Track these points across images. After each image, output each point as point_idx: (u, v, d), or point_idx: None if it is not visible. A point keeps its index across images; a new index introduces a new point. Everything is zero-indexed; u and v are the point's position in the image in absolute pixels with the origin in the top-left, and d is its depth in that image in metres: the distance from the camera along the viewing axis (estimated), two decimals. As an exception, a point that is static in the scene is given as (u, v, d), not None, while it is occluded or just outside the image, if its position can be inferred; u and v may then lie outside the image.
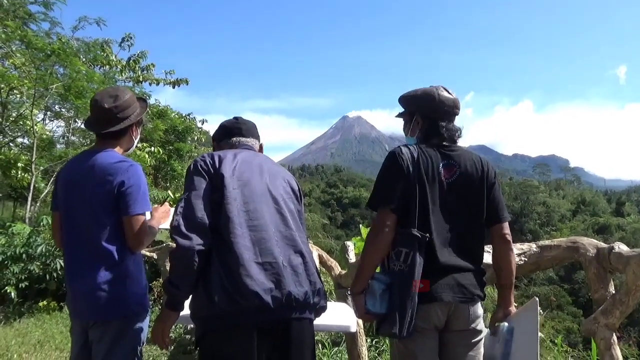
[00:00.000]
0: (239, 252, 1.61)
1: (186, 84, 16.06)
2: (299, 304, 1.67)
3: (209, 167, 1.77)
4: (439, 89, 1.99)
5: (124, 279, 1.95)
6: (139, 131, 2.19)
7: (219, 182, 1.72)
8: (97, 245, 1.94)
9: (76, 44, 12.32)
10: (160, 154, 14.03)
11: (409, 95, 2.05)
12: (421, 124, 2.00)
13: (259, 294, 1.58)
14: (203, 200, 1.67)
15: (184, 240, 1.60)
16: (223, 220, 1.66)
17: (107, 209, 1.95)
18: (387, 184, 1.85)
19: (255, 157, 1.94)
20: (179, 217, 1.64)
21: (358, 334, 3.41)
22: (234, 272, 1.59)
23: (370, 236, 1.84)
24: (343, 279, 3.87)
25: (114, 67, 14.55)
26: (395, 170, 1.84)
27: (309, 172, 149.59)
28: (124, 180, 1.95)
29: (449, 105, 1.97)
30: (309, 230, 24.27)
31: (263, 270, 1.63)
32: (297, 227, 1.82)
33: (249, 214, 1.71)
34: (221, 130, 2.09)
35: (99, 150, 2.05)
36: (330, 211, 79.27)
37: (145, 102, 2.22)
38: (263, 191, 1.79)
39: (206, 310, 1.62)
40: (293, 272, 1.69)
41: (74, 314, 2.06)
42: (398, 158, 1.85)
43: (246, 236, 1.66)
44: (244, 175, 1.79)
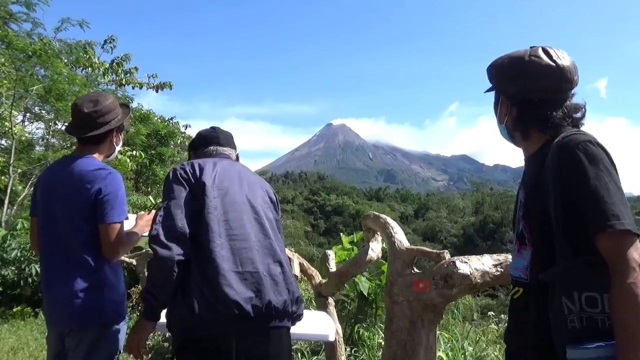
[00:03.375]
0: (218, 261, 1.62)
1: (170, 88, 15.95)
2: (278, 313, 1.69)
3: (189, 175, 1.76)
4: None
5: (101, 287, 1.94)
6: (120, 137, 2.18)
7: (199, 191, 1.72)
8: (74, 252, 1.93)
9: (58, 45, 12.15)
10: (142, 158, 13.86)
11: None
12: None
13: (239, 303, 1.58)
14: (183, 209, 1.67)
15: (163, 250, 1.59)
16: (203, 230, 1.66)
17: (84, 216, 1.94)
18: (620, 193, 1.23)
19: (234, 166, 1.94)
20: (158, 226, 1.63)
21: (337, 343, 3.42)
22: (214, 281, 1.59)
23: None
24: (323, 288, 3.89)
25: (97, 70, 14.37)
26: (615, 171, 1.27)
27: (292, 179, 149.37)
28: (101, 187, 1.94)
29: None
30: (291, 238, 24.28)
31: (243, 279, 1.64)
32: (276, 236, 1.84)
33: (229, 223, 1.71)
34: (198, 139, 2.09)
35: (79, 156, 2.04)
36: (313, 219, 79.17)
37: (128, 107, 2.21)
38: (243, 200, 1.80)
39: (185, 319, 1.61)
40: (273, 281, 1.71)
41: (50, 321, 2.03)
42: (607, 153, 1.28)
43: (226, 246, 1.66)
44: (224, 184, 1.79)
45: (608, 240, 1.17)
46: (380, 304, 4.39)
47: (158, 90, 15.91)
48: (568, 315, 1.23)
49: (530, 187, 1.43)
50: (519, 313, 1.43)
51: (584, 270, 1.22)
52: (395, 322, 2.52)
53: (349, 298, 4.35)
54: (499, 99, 1.55)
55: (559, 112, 1.41)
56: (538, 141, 1.45)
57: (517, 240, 1.47)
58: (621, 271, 1.14)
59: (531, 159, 1.47)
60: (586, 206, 1.21)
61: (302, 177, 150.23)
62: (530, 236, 1.40)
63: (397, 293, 2.54)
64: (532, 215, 1.39)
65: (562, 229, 1.26)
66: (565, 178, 1.26)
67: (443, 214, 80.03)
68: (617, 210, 1.17)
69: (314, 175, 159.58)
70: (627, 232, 1.16)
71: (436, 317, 2.46)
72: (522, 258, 1.43)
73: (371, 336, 4.18)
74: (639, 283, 1.11)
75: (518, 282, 1.44)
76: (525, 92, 1.44)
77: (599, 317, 1.18)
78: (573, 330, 1.21)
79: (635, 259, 1.14)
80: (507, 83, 1.49)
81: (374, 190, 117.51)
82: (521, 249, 1.44)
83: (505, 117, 1.53)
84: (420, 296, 2.41)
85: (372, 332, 4.23)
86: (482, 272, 2.32)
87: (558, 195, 1.27)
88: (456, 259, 2.38)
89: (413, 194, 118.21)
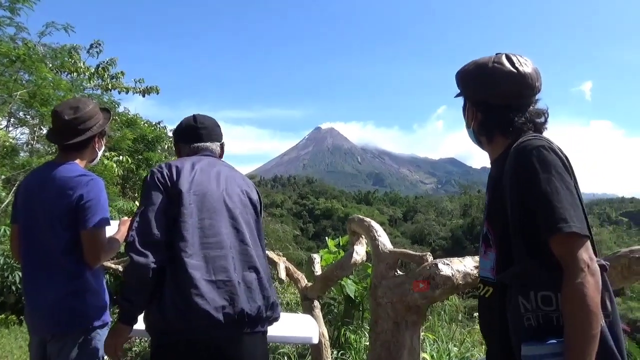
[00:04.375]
0: (190, 270, 1.63)
1: (156, 92, 15.80)
2: (252, 320, 1.71)
3: (166, 180, 1.76)
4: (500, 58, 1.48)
5: (83, 293, 1.94)
6: (102, 142, 2.18)
7: (175, 197, 1.72)
8: (56, 258, 1.92)
9: (42, 49, 12.03)
10: (128, 163, 13.73)
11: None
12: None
13: (209, 313, 1.60)
14: (159, 215, 1.67)
15: (138, 257, 1.60)
16: (177, 238, 1.67)
17: (65, 222, 1.93)
18: (570, 197, 1.26)
19: (214, 166, 1.91)
20: (134, 232, 1.64)
21: (323, 346, 3.44)
22: (186, 290, 1.61)
23: (590, 282, 1.18)
24: (309, 291, 3.91)
25: (82, 75, 14.23)
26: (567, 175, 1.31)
27: (281, 183, 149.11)
28: (82, 194, 1.94)
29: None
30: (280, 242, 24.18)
31: (216, 288, 1.65)
32: (254, 241, 1.84)
33: (204, 230, 1.71)
34: (181, 131, 2.06)
35: (60, 162, 2.04)
36: (302, 222, 79.03)
37: (109, 112, 2.21)
38: (219, 204, 1.79)
39: (159, 325, 1.64)
40: (247, 288, 1.72)
41: (32, 328, 2.02)
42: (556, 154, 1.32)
43: (199, 254, 1.67)
44: (201, 188, 1.78)
45: (558, 243, 1.23)
46: (367, 306, 4.40)
47: (145, 95, 15.76)
48: (524, 314, 1.28)
49: (492, 190, 1.48)
50: (491, 312, 1.46)
51: (539, 271, 1.27)
52: (379, 324, 2.55)
53: (335, 301, 4.37)
54: (466, 104, 1.60)
55: (521, 117, 1.45)
56: (501, 145, 1.49)
57: (482, 242, 1.52)
58: (570, 271, 1.19)
59: (495, 162, 1.52)
60: (537, 210, 1.26)
61: (290, 181, 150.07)
62: (493, 238, 1.45)
63: (381, 295, 2.57)
64: (494, 217, 1.45)
65: (519, 231, 1.32)
66: (519, 182, 1.31)
67: (431, 216, 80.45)
68: (566, 214, 1.22)
69: (302, 179, 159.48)
70: (575, 235, 1.21)
71: (419, 319, 2.50)
72: (488, 259, 1.47)
73: (358, 339, 4.20)
74: (586, 283, 1.17)
75: (487, 282, 1.49)
76: (489, 98, 1.49)
77: (553, 315, 1.25)
78: (529, 327, 1.27)
79: (584, 259, 1.19)
80: (472, 89, 1.55)
81: (363, 194, 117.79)
82: (487, 250, 1.49)
83: (471, 122, 1.58)
84: (403, 298, 2.44)
85: (358, 334, 4.25)
86: (463, 274, 2.36)
87: (514, 199, 1.33)
88: (438, 261, 2.41)
89: (401, 197, 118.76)
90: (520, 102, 1.47)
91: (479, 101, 1.53)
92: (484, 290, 1.49)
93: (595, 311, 1.16)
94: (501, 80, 1.45)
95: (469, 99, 1.58)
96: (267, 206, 71.21)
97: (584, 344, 1.14)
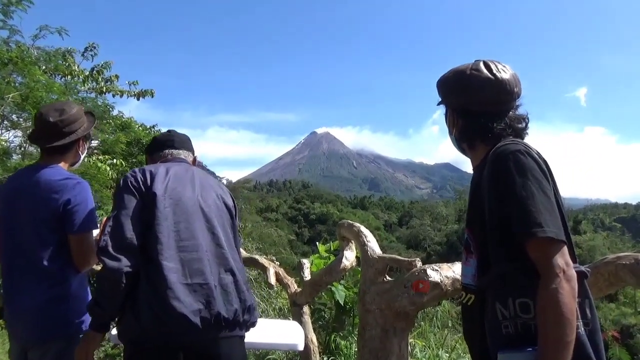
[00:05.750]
0: (166, 274, 1.60)
1: (151, 96, 15.72)
2: (229, 323, 1.69)
3: (140, 184, 1.74)
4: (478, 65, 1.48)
5: (66, 299, 1.91)
6: (86, 146, 2.16)
7: (149, 200, 1.70)
8: (39, 263, 1.90)
9: (36, 52, 11.98)
10: (122, 166, 13.67)
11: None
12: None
13: (186, 317, 1.58)
14: (133, 220, 1.66)
15: (111, 262, 1.58)
16: (152, 242, 1.65)
17: (51, 227, 1.91)
18: (546, 201, 1.24)
19: (188, 171, 1.92)
20: (107, 237, 1.62)
21: (312, 353, 3.41)
22: (162, 294, 1.58)
23: (565, 288, 1.15)
24: (297, 297, 3.88)
25: (77, 78, 14.18)
26: (545, 179, 1.29)
27: (277, 187, 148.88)
28: (70, 198, 1.92)
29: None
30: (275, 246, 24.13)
31: (192, 291, 1.63)
32: (229, 244, 1.83)
33: (179, 233, 1.70)
34: (153, 143, 2.08)
35: (44, 165, 2.01)
36: (297, 227, 78.81)
37: (94, 116, 2.19)
38: (195, 208, 1.78)
39: (133, 331, 1.62)
40: (223, 291, 1.70)
41: (13, 335, 1.99)
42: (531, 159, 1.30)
43: (175, 257, 1.65)
44: (176, 192, 1.77)
45: (534, 248, 1.21)
46: (358, 312, 4.38)
47: (139, 98, 15.68)
48: (502, 321, 1.26)
49: (472, 195, 1.47)
50: (472, 319, 1.45)
51: (517, 277, 1.25)
52: (368, 330, 2.53)
53: (326, 307, 4.34)
54: (447, 111, 1.61)
55: (501, 123, 1.45)
56: (482, 152, 1.49)
57: (464, 248, 1.51)
58: (545, 277, 1.17)
59: (476, 168, 1.52)
60: (513, 214, 1.25)
61: (286, 186, 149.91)
62: (474, 244, 1.43)
63: (370, 301, 2.55)
64: (474, 223, 1.43)
65: (497, 237, 1.30)
66: (496, 186, 1.31)
67: (427, 221, 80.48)
68: (541, 218, 1.20)
69: (298, 183, 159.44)
70: (550, 239, 1.19)
71: (408, 325, 2.48)
72: (469, 266, 1.46)
73: (348, 345, 4.17)
74: (561, 289, 1.14)
75: (469, 289, 1.47)
76: (468, 105, 1.50)
77: (532, 323, 1.22)
78: (507, 336, 1.24)
79: (559, 265, 1.17)
80: (451, 96, 1.56)
81: (358, 199, 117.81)
82: (468, 257, 1.48)
83: (453, 129, 1.58)
84: (391, 304, 2.42)
85: (349, 341, 4.22)
86: (452, 280, 2.34)
87: (491, 203, 1.32)
88: (427, 267, 2.40)
89: (397, 202, 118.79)
90: (499, 108, 1.47)
91: (458, 108, 1.54)
92: (466, 298, 1.48)
93: (570, 318, 1.13)
94: (479, 87, 1.45)
95: (449, 106, 1.59)
96: (263, 210, 71.03)
97: (557, 351, 1.12)
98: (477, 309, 1.40)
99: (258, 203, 67.92)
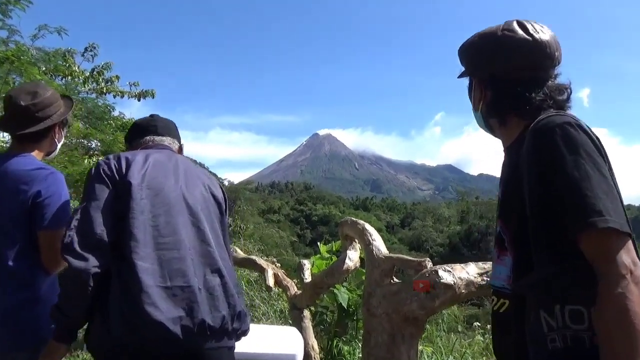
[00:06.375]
0: (141, 275, 1.38)
1: (152, 96, 15.62)
2: (215, 332, 1.46)
3: (114, 172, 1.52)
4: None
5: (36, 302, 1.71)
6: (63, 133, 1.96)
7: (124, 191, 1.48)
8: (6, 263, 1.69)
9: (35, 52, 11.87)
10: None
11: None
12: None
13: (163, 325, 1.35)
14: (104, 213, 1.44)
15: (77, 261, 1.36)
16: (126, 238, 1.43)
17: (19, 222, 1.71)
18: (605, 184, 1.01)
19: (171, 158, 1.70)
20: (72, 232, 1.40)
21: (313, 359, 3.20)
22: (135, 299, 1.36)
23: (634, 293, 0.92)
24: (297, 300, 3.68)
25: (77, 79, 14.06)
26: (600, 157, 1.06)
27: (279, 189, 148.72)
28: (40, 190, 1.71)
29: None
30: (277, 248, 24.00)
31: (171, 295, 1.41)
32: (217, 242, 1.61)
33: (158, 229, 1.47)
34: (133, 129, 1.86)
35: (14, 154, 1.81)
36: (299, 228, 78.78)
37: (71, 100, 1.99)
38: (177, 200, 1.56)
39: (102, 342, 1.40)
40: (209, 295, 1.48)
41: None
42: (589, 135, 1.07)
43: (152, 257, 1.43)
44: (156, 182, 1.55)
45: (591, 242, 0.97)
46: (362, 316, 4.18)
47: (140, 99, 15.57)
48: (548, 333, 1.01)
49: (507, 181, 1.23)
50: (506, 330, 1.21)
51: (567, 278, 1.01)
52: (373, 337, 2.33)
53: (328, 310, 4.14)
54: (472, 83, 1.36)
55: (539, 93, 1.21)
56: (516, 128, 1.25)
57: (496, 244, 1.27)
58: (608, 279, 0.93)
59: (509, 149, 1.28)
60: (564, 201, 1.01)
61: (288, 187, 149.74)
62: (509, 239, 1.20)
63: (375, 305, 2.35)
64: (510, 214, 1.20)
65: (540, 229, 1.06)
66: (539, 167, 1.06)
67: (429, 223, 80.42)
68: (600, 205, 0.97)
69: (300, 185, 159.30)
70: (613, 231, 0.95)
71: (418, 332, 2.27)
72: (503, 265, 1.22)
73: (352, 350, 3.97)
74: (628, 293, 0.90)
75: (501, 292, 1.23)
76: (499, 72, 1.26)
77: (585, 335, 0.98)
78: (554, 351, 1.00)
79: (625, 263, 0.93)
80: (479, 63, 1.32)
81: (361, 200, 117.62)
82: (501, 254, 1.23)
83: (479, 103, 1.33)
84: (399, 308, 2.22)
85: (352, 346, 4.01)
86: (466, 282, 2.14)
87: (533, 188, 1.07)
88: (439, 267, 2.20)
89: (399, 204, 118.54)
90: (537, 75, 1.23)
91: (487, 77, 1.30)
92: (498, 304, 1.23)
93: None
94: (513, 49, 1.22)
95: (474, 76, 1.35)
96: (265, 212, 71.03)
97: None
98: (513, 317, 1.16)
99: (260, 204, 67.87)
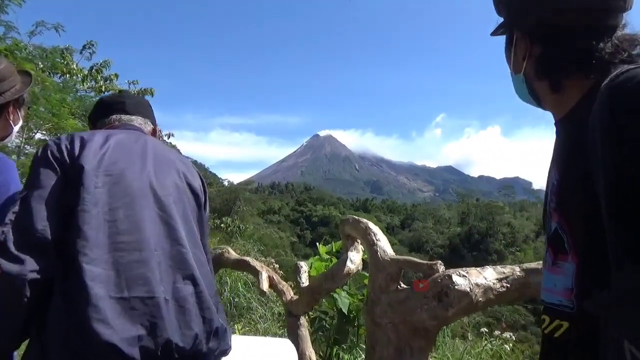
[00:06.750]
0: (89, 283, 1.08)
1: (151, 95, 15.38)
2: (185, 355, 1.16)
3: (64, 154, 1.23)
4: None
5: None
6: (20, 114, 1.69)
7: (75, 177, 1.20)
8: None
9: (32, 48, 11.64)
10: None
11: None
12: None
13: (116, 347, 1.05)
14: (48, 205, 1.15)
15: (11, 265, 1.07)
16: (73, 235, 1.13)
17: None
18: None
19: (138, 140, 1.40)
20: (7, 228, 1.11)
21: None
22: (81, 314, 1.06)
23: None
24: (294, 306, 3.41)
25: (75, 76, 13.84)
26: None
27: (279, 189, 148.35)
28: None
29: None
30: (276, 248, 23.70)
31: (128, 309, 1.10)
32: (193, 241, 1.32)
33: (116, 225, 1.18)
34: (98, 107, 1.57)
35: None
36: (299, 229, 78.61)
37: (30, 76, 1.72)
38: (143, 191, 1.27)
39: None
40: (178, 308, 1.18)
41: None
42: None
43: (106, 260, 1.13)
44: (116, 167, 1.26)
45: None
46: (363, 322, 3.93)
47: (139, 98, 15.38)
48: None
49: (566, 162, 0.91)
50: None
51: None
52: (378, 349, 2.07)
53: (327, 315, 3.90)
54: (513, 37, 1.04)
55: (608, 44, 0.90)
56: (577, 91, 0.94)
57: (548, 246, 0.94)
58: None
59: (566, 120, 0.97)
60: None
61: (288, 188, 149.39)
62: (572, 239, 0.88)
63: (380, 314, 2.09)
64: (573, 205, 0.88)
65: (620, 226, 0.73)
66: (621, 137, 0.73)
67: (429, 224, 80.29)
68: None
69: (300, 186, 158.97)
70: None
71: (428, 345, 2.01)
72: (561, 274, 0.90)
73: (352, 359, 3.72)
74: None
75: (557, 311, 0.91)
76: (554, 17, 0.94)
77: None
78: None
79: None
80: (526, 9, 0.98)
81: (361, 201, 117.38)
82: (558, 259, 0.91)
83: (523, 63, 1.01)
84: (407, 318, 1.97)
85: (353, 354, 3.76)
86: (484, 289, 1.89)
87: (611, 170, 0.74)
88: (452, 271, 1.94)
89: (399, 205, 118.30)
90: (606, 21, 0.91)
91: (536, 28, 0.97)
92: (552, 326, 0.91)
93: None
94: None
95: (517, 26, 1.02)
96: (265, 213, 70.82)
97: None
98: (574, 346, 0.86)
99: (260, 205, 67.61)
